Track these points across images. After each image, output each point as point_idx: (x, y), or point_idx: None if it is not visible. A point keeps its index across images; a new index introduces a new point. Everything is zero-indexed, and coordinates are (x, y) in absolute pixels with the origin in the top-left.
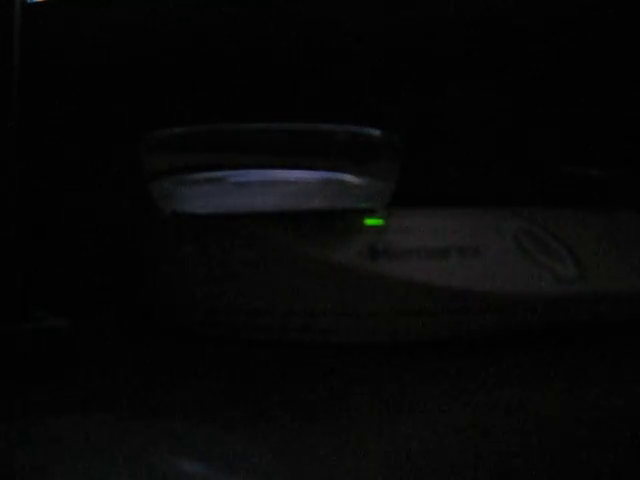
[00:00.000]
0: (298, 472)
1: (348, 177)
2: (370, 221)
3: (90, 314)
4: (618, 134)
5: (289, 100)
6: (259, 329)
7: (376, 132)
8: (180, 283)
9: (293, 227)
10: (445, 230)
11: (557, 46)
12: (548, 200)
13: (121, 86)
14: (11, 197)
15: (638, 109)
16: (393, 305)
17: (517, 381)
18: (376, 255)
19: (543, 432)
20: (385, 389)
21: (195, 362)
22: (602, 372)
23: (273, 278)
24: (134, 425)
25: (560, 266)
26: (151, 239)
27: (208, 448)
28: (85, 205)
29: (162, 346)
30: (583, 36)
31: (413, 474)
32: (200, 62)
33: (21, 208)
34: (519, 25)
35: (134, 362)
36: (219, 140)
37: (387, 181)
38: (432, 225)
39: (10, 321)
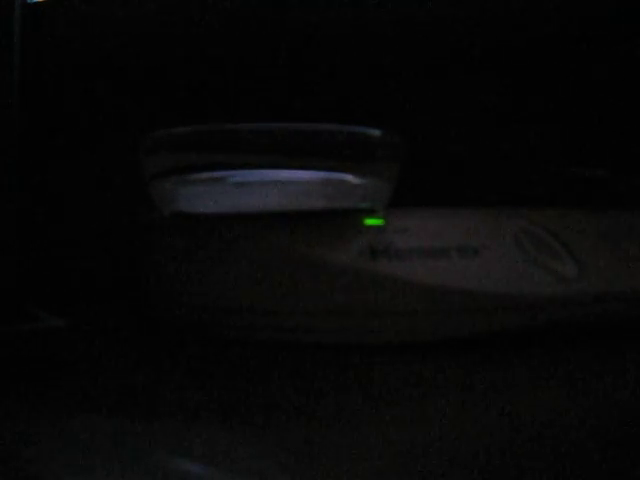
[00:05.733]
0: (298, 472)
1: (348, 177)
2: (370, 221)
3: (90, 314)
4: (619, 134)
5: (289, 100)
6: (259, 329)
7: (376, 132)
8: (180, 283)
9: (293, 227)
10: (445, 230)
11: (558, 46)
12: (548, 200)
13: (121, 86)
14: (11, 198)
15: (638, 110)
16: (393, 305)
17: (517, 381)
18: (376, 255)
19: (543, 432)
20: (385, 389)
21: (195, 362)
22: (602, 372)
23: (273, 278)
24: (134, 425)
25: (560, 266)
26: (151, 239)
27: (208, 448)
28: (85, 205)
29: (162, 346)
30: (584, 36)
31: (413, 474)
32: (200, 62)
33: (21, 209)
34: (519, 25)
35: (134, 362)
36: (219, 140)
37: (387, 181)
38: (432, 225)
39: (10, 321)
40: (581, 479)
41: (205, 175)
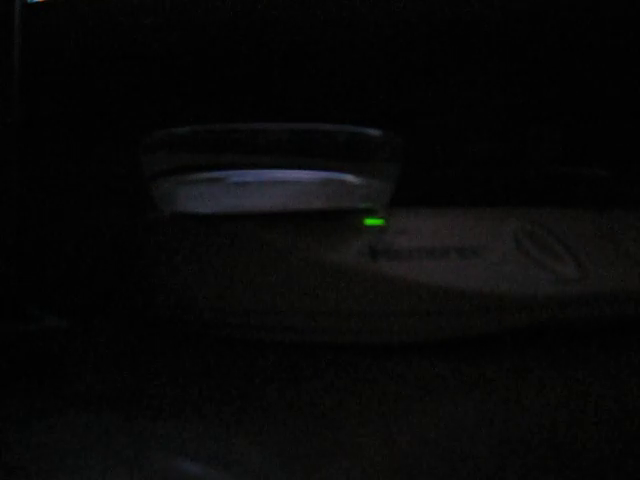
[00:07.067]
0: (298, 472)
1: (348, 177)
2: (370, 221)
3: (90, 314)
4: (618, 134)
5: (289, 100)
6: (259, 329)
7: (376, 132)
8: (180, 283)
9: (293, 227)
10: (445, 230)
11: (558, 45)
12: (548, 200)
13: (121, 86)
14: (11, 198)
15: (638, 109)
16: (393, 305)
17: (517, 381)
18: (376, 255)
19: (543, 432)
20: (384, 389)
21: (195, 362)
22: (602, 372)
23: (273, 278)
24: (134, 425)
25: (560, 266)
26: (151, 239)
27: (208, 448)
28: (85, 205)
29: (162, 346)
30: (584, 36)
31: (412, 475)
32: (201, 62)
33: (21, 209)
34: (519, 24)
35: (134, 362)
36: (219, 140)
37: (387, 181)
38: (432, 225)
39: (10, 321)
40: (581, 477)
41: (205, 175)
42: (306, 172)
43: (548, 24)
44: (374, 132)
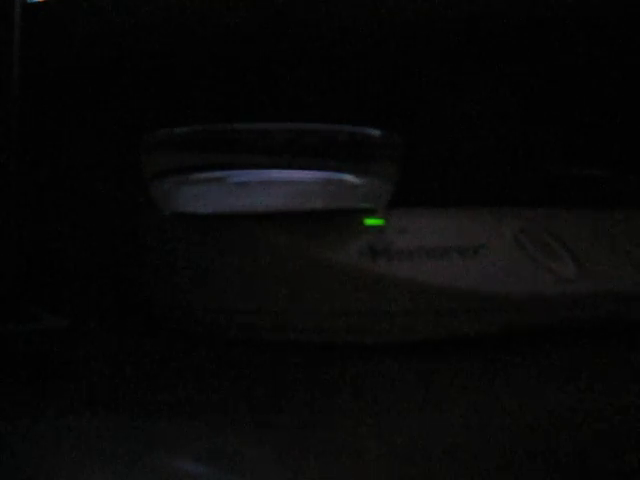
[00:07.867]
0: (298, 472)
1: (348, 177)
2: (370, 221)
3: (90, 314)
4: (619, 135)
5: (289, 100)
6: (258, 329)
7: (376, 132)
8: (180, 283)
9: (293, 227)
10: (445, 230)
11: (559, 46)
12: (548, 200)
13: (121, 86)
14: (11, 198)
15: (638, 109)
16: (393, 305)
17: (517, 381)
18: (376, 255)
19: (543, 432)
20: (385, 389)
21: (195, 362)
22: (602, 372)
23: (273, 278)
24: (134, 425)
25: (560, 266)
26: (151, 239)
27: (208, 448)
28: (85, 205)
29: (162, 346)
30: (584, 36)
31: (412, 474)
32: (200, 63)
33: (21, 208)
34: (521, 25)
35: (134, 362)
36: (219, 140)
37: (387, 181)
38: (432, 225)
39: (10, 321)
40: (581, 477)
41: (205, 175)
42: (306, 172)
43: (548, 24)
44: (374, 132)
